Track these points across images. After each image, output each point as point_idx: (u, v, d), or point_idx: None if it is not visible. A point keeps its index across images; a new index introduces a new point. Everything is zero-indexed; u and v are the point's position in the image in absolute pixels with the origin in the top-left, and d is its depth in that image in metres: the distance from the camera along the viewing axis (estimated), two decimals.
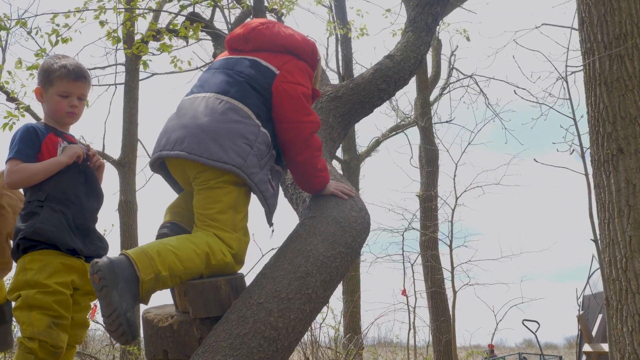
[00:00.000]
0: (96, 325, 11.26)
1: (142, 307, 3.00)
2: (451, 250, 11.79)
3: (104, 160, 3.46)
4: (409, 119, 18.38)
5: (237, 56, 3.34)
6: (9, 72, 10.15)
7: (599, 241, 5.88)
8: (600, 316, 9.55)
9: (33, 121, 3.86)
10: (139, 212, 14.12)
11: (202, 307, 2.84)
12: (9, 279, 3.76)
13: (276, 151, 3.20)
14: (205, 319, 2.85)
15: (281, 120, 3.14)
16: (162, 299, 3.19)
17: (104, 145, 13.87)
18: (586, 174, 6.07)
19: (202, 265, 2.88)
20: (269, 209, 3.13)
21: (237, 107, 3.06)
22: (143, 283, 2.71)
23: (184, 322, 2.85)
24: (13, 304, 3.15)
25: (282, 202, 3.90)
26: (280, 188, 3.87)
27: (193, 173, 3.03)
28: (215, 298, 2.86)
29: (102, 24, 8.94)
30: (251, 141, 3.01)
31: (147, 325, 2.93)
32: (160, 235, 3.10)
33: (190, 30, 9.26)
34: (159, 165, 3.21)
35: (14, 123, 9.58)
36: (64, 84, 3.25)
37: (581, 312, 10.22)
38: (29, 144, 3.18)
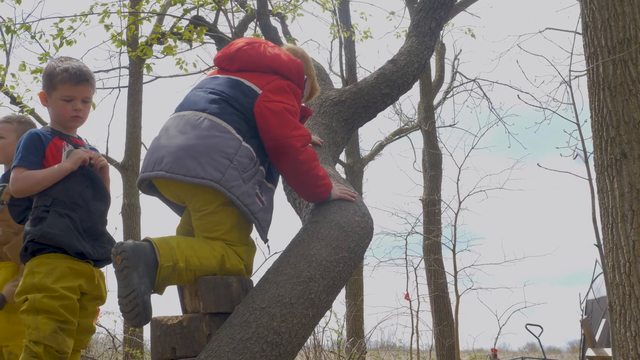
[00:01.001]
0: (99, 329, 11.27)
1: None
2: (454, 254, 11.77)
3: (107, 162, 3.46)
4: (413, 122, 18.40)
5: (221, 75, 3.34)
6: (13, 75, 10.18)
7: (603, 246, 5.87)
8: (603, 321, 9.54)
9: (38, 124, 3.87)
10: (142, 215, 14.13)
11: (213, 302, 2.88)
12: None
13: (266, 168, 3.17)
14: (215, 315, 2.87)
15: (270, 138, 3.11)
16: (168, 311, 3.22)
17: (107, 149, 13.88)
18: (589, 179, 6.07)
19: (217, 266, 2.96)
20: (259, 224, 3.08)
21: (215, 122, 3.05)
22: (161, 269, 2.79)
23: (194, 319, 2.88)
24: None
25: (285, 206, 3.90)
26: (284, 193, 3.86)
27: (186, 196, 3.05)
28: (226, 294, 2.91)
29: (107, 27, 8.99)
30: (230, 155, 2.99)
31: (156, 326, 2.94)
32: None
33: (194, 33, 9.29)
34: (148, 186, 3.23)
35: None
36: (66, 88, 3.24)
37: (584, 317, 10.21)
38: (33, 151, 3.18)
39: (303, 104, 3.51)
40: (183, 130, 3.05)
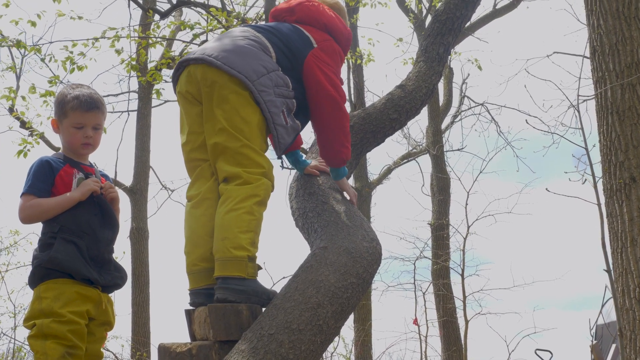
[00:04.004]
0: (107, 354, 11.23)
1: (157, 339, 3.03)
2: (463, 279, 11.70)
3: (117, 190, 3.46)
4: (421, 146, 18.40)
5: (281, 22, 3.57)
6: (23, 98, 10.25)
7: (612, 271, 5.84)
8: (613, 346, 9.46)
9: (47, 148, 3.89)
10: (150, 239, 14.12)
11: (223, 330, 2.88)
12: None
13: (296, 106, 3.30)
14: (225, 343, 2.87)
15: (319, 88, 3.31)
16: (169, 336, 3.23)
17: (116, 172, 13.91)
18: (598, 203, 6.05)
19: (260, 210, 3.11)
20: (277, 134, 3.19)
21: (265, 44, 3.26)
22: (248, 275, 3.02)
23: (204, 347, 2.88)
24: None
25: (294, 232, 3.89)
26: (292, 218, 3.85)
27: (217, 83, 3.12)
28: (237, 322, 2.91)
29: (118, 52, 9.07)
30: (268, 68, 3.17)
31: (164, 353, 2.94)
32: (193, 303, 3.21)
33: None
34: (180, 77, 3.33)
35: (28, 150, 9.66)
36: (77, 115, 3.25)
37: (594, 342, 10.13)
38: (42, 178, 3.19)
39: None
40: (237, 36, 3.27)
